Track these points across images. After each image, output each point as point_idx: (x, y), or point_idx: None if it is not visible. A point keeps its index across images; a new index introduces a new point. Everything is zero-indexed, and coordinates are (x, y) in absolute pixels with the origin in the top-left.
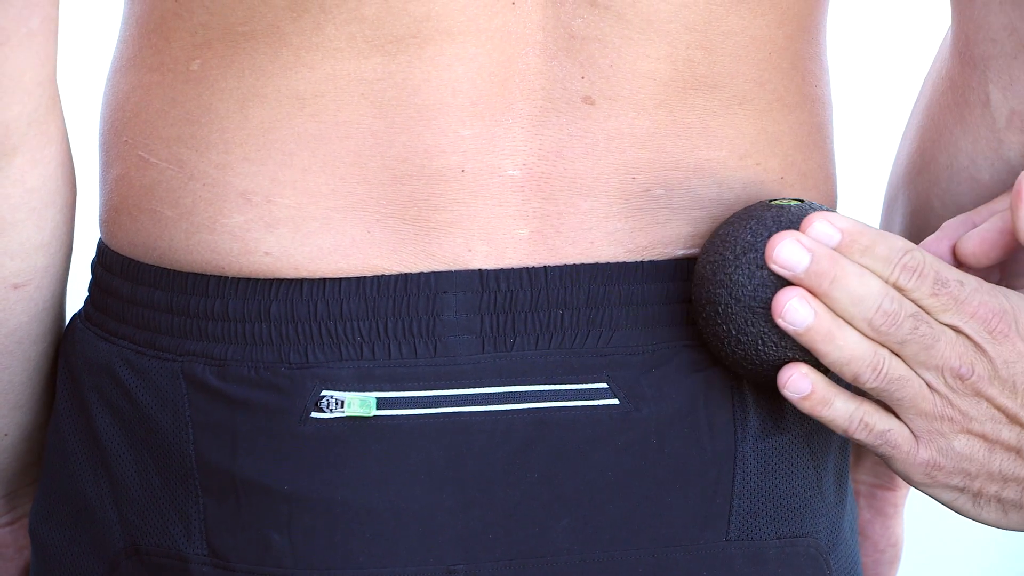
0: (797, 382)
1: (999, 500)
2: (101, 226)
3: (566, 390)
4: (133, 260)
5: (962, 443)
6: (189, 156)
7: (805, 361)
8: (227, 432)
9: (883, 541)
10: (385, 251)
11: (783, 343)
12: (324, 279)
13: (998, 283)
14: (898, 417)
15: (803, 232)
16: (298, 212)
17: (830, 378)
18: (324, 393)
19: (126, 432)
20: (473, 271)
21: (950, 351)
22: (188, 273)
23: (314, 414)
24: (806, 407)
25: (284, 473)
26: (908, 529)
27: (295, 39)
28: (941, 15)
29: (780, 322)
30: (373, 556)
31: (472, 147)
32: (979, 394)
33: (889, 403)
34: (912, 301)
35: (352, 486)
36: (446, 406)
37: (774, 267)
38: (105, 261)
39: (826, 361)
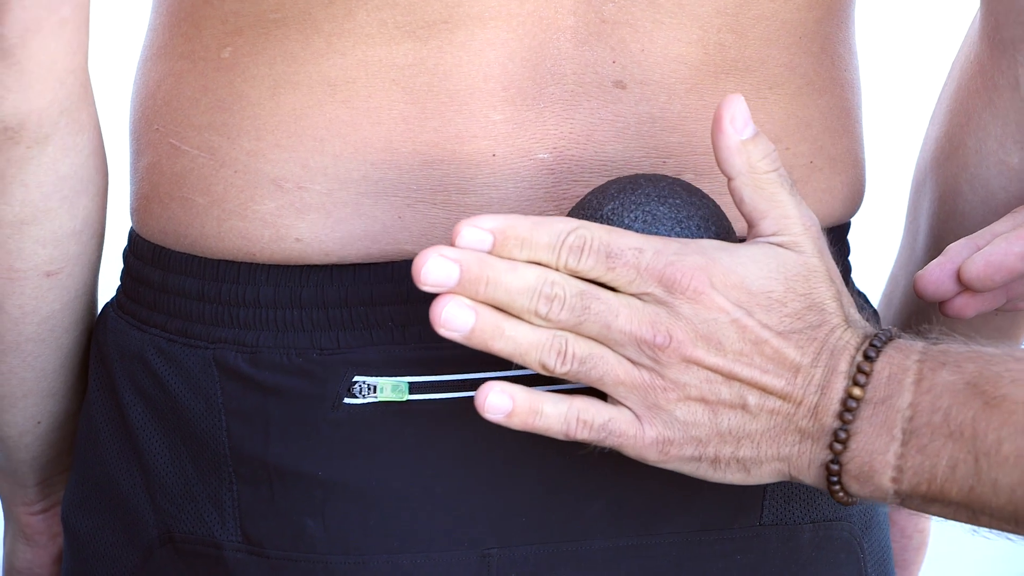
0: (496, 402)
1: (738, 460)
2: (132, 214)
3: None
4: (164, 248)
5: (683, 411)
6: (220, 143)
7: None
8: (260, 419)
9: (910, 527)
10: (415, 235)
11: None
12: (354, 264)
13: (1004, 306)
14: (615, 404)
15: (453, 241)
16: (329, 198)
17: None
18: (356, 379)
19: (159, 420)
20: None
21: (637, 322)
22: (219, 260)
23: (347, 400)
24: (516, 423)
25: (318, 459)
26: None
27: (327, 26)
28: None
29: (442, 332)
30: (407, 541)
31: (503, 131)
32: (686, 359)
33: (595, 386)
34: (591, 281)
35: (386, 471)
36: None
37: (426, 288)
38: (136, 250)
39: (503, 355)
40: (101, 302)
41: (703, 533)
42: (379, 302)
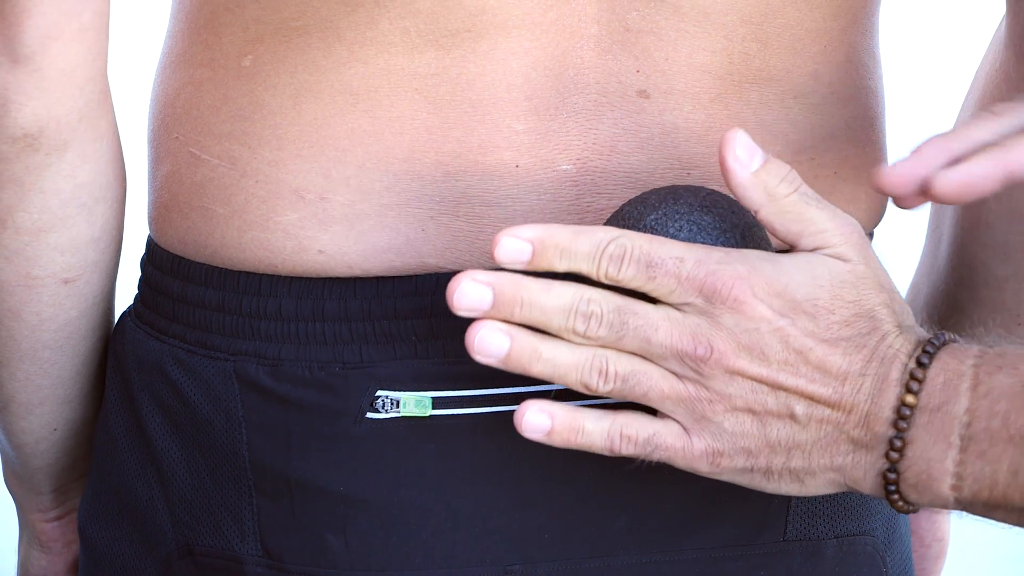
0: (534, 420)
1: (790, 471)
2: (150, 223)
3: None
4: (183, 258)
5: (731, 422)
6: (241, 153)
7: None
8: (281, 433)
9: (929, 536)
10: (439, 248)
11: None
12: (378, 277)
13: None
14: (661, 418)
15: (492, 252)
16: (352, 210)
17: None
18: (379, 393)
19: (177, 432)
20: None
21: (677, 335)
22: (240, 272)
23: (369, 414)
24: (557, 442)
25: (340, 474)
26: (955, 525)
27: (349, 34)
28: (993, 6)
29: (478, 358)
30: (429, 557)
31: (526, 142)
32: (729, 370)
33: (640, 402)
34: (631, 291)
35: (408, 487)
36: (502, 405)
37: (461, 313)
38: (155, 259)
39: (543, 378)
40: (118, 310)
41: (727, 549)
42: (402, 316)
